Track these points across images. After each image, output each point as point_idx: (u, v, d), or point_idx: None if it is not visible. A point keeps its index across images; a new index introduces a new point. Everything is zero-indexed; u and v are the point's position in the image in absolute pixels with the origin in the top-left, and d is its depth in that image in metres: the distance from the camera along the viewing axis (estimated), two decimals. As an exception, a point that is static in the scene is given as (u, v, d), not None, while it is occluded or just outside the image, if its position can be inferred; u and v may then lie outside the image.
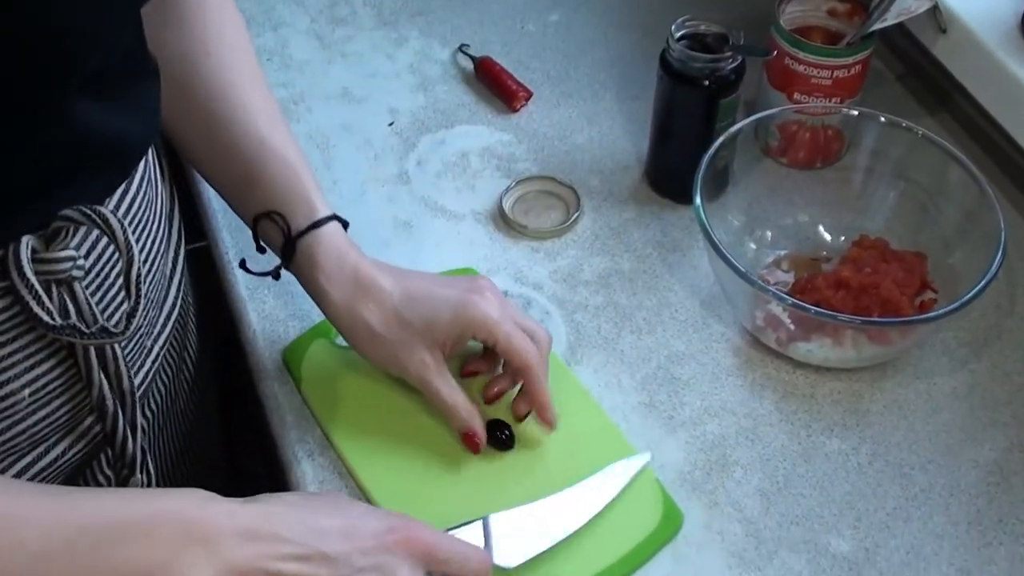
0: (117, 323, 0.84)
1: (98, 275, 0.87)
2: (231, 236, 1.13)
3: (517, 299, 1.08)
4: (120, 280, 0.88)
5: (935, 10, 1.12)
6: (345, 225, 0.95)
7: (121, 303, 0.89)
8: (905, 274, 1.03)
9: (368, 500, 0.93)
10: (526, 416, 0.96)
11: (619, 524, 0.91)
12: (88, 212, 0.81)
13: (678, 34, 1.09)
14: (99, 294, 0.87)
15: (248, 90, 0.97)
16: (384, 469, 0.94)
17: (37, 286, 0.79)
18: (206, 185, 1.17)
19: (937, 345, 1.05)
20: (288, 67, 1.30)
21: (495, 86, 1.29)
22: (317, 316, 1.04)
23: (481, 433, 0.93)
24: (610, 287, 1.10)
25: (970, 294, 0.94)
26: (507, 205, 1.16)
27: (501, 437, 0.95)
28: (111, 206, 0.87)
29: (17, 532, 0.68)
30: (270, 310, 1.07)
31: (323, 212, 0.93)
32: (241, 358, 1.07)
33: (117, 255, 0.86)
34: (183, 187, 1.12)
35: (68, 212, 0.81)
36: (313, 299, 0.95)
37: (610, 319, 1.07)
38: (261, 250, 0.97)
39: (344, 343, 1.01)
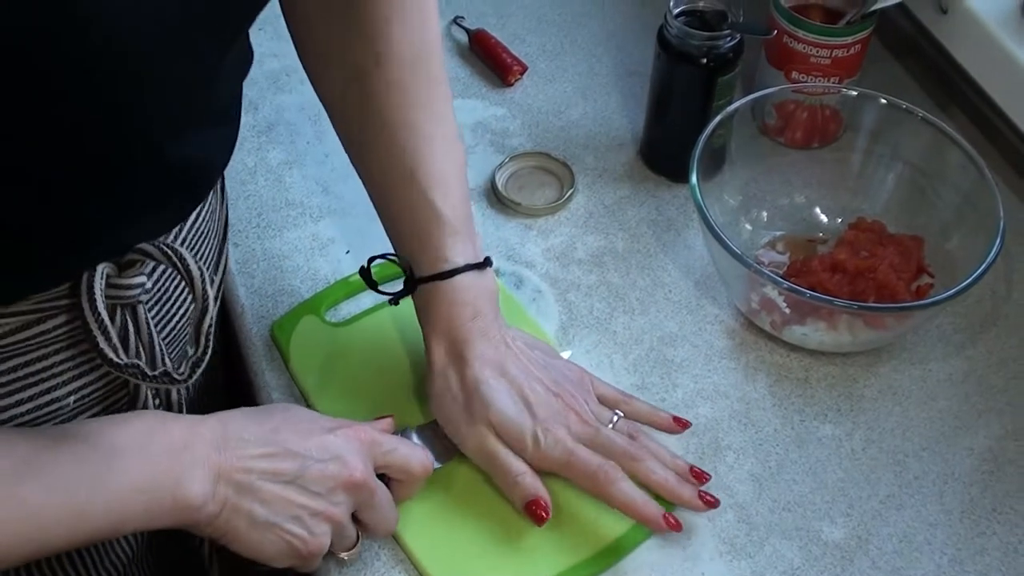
0: (179, 362, 0.84)
1: (162, 297, 0.87)
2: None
3: (509, 277, 1.06)
4: (181, 307, 0.89)
5: (937, -10, 1.10)
6: (486, 265, 0.91)
7: (180, 327, 0.90)
8: (901, 258, 1.00)
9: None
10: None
11: (608, 509, 0.88)
12: (168, 252, 0.80)
13: (676, 10, 1.07)
14: (159, 314, 0.87)
15: (415, 115, 0.90)
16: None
17: (107, 321, 0.79)
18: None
19: (933, 330, 1.03)
20: (281, 37, 1.24)
21: (489, 59, 1.26)
22: (307, 292, 1.03)
23: (547, 498, 0.86)
24: (603, 266, 1.08)
25: (967, 280, 0.93)
26: (500, 181, 1.14)
27: None
28: (184, 231, 0.87)
29: (14, 485, 0.69)
30: (259, 284, 1.05)
31: (452, 264, 0.89)
32: (231, 332, 1.05)
33: (183, 283, 0.85)
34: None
35: (147, 247, 0.80)
36: None
37: (603, 299, 1.05)
38: (373, 285, 0.94)
39: (333, 320, 1.01)
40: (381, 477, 0.83)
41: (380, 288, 0.94)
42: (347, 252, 1.07)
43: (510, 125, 1.21)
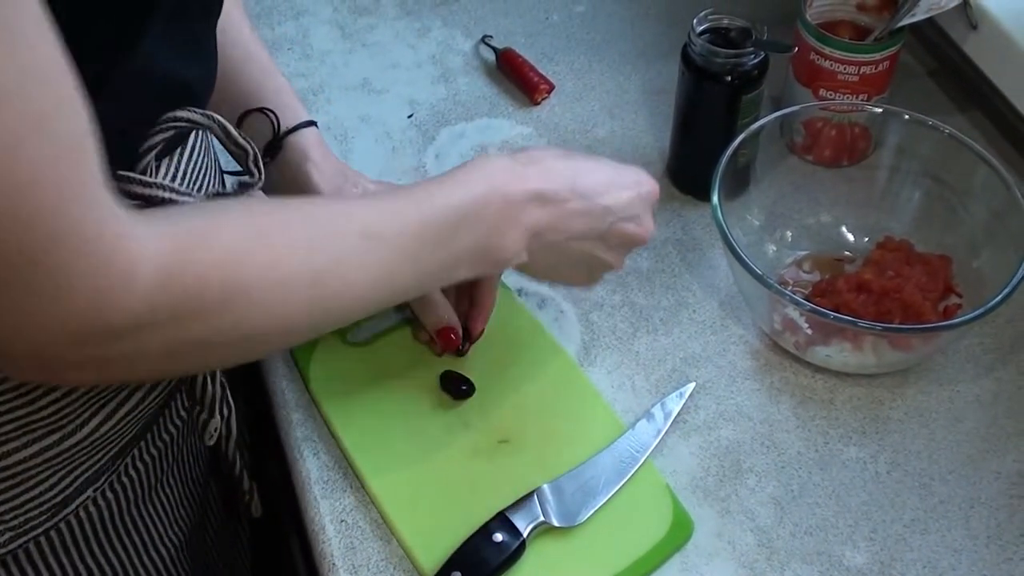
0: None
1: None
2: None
3: (531, 297, 1.05)
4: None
5: (966, 5, 1.09)
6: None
7: None
8: (929, 278, 0.99)
9: (375, 502, 0.91)
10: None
11: (627, 531, 0.88)
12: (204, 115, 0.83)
13: (700, 28, 1.06)
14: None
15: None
16: (392, 470, 0.92)
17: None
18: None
19: (961, 351, 1.01)
20: (309, 57, 1.28)
21: (517, 78, 1.26)
22: (328, 312, 1.03)
23: (457, 327, 0.96)
24: (627, 286, 1.07)
25: (995, 300, 0.91)
26: (525, 200, 1.13)
27: (461, 388, 0.96)
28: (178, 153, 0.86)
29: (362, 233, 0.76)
30: (281, 305, 1.04)
31: (306, 115, 0.98)
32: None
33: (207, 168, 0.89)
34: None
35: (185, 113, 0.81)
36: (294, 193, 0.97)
37: (626, 319, 1.04)
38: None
39: (354, 340, 1.00)
40: None
41: (234, 171, 0.93)
42: (370, 272, 1.07)
43: (536, 144, 1.20)
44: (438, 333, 0.96)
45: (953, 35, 1.14)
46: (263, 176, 0.85)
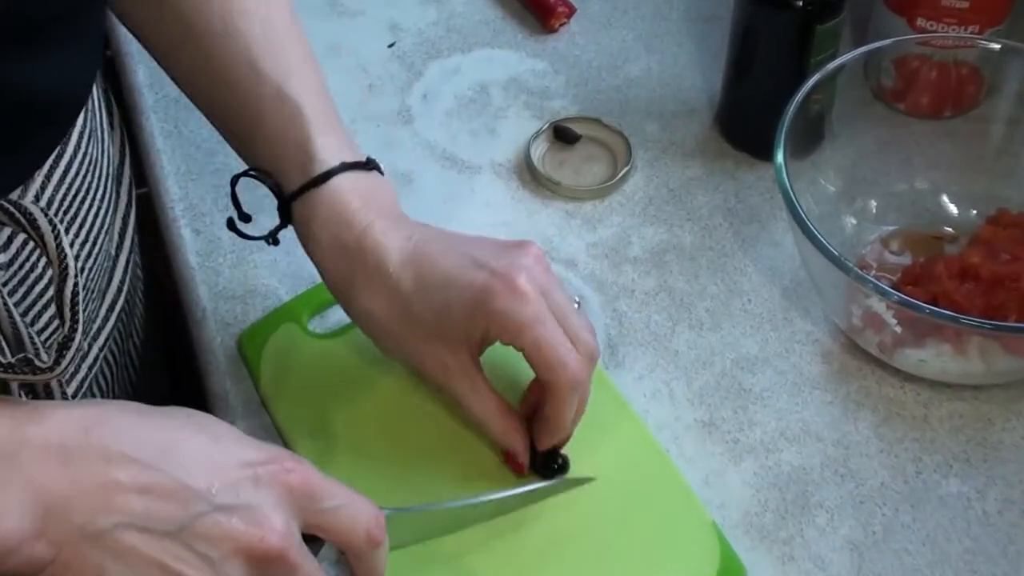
0: (47, 347, 0.79)
1: (25, 278, 0.86)
2: (179, 186, 1.09)
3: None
4: (51, 286, 0.86)
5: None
6: (371, 167, 0.87)
7: (50, 308, 0.88)
8: (1055, 264, 0.95)
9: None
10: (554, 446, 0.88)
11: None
12: (12, 211, 0.77)
13: (765, -62, 1.03)
14: (21, 291, 0.86)
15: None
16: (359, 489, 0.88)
17: None
18: (149, 116, 1.16)
19: (1095, 359, 0.97)
20: None
21: (527, -2, 1.22)
22: (285, 294, 1.01)
23: (522, 450, 0.86)
24: (665, 267, 1.04)
25: None
26: (536, 155, 1.10)
27: (553, 466, 0.89)
28: (42, 176, 0.85)
29: None
30: (225, 283, 1.02)
31: (325, 164, 0.85)
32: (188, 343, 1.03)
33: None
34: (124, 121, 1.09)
35: None
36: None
37: (663, 309, 1.01)
38: (244, 218, 0.89)
39: (318, 330, 0.99)
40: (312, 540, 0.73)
41: (245, 233, 0.89)
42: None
43: (551, 83, 1.18)
44: (502, 456, 0.88)
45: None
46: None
